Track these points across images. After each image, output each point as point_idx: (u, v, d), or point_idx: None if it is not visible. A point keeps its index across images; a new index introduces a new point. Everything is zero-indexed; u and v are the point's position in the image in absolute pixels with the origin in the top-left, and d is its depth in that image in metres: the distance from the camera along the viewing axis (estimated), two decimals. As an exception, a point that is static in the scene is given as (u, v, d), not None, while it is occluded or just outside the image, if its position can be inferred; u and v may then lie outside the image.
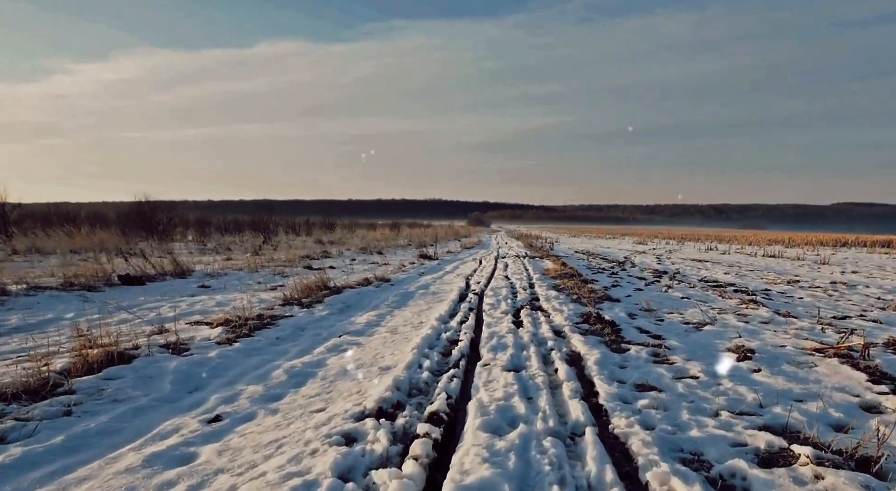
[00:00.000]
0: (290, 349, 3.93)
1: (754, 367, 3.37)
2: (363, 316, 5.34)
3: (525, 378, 3.00)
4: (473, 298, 6.22)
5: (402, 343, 4.06)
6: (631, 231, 55.00)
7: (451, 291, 6.87)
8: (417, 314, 5.44)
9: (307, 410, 2.62)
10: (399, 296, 6.67)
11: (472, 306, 5.69)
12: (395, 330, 4.65)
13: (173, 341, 3.77)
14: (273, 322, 4.81)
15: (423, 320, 5.01)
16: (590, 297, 6.30)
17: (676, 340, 4.15)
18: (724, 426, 2.32)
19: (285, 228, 27.07)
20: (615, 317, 5.07)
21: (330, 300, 6.08)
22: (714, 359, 3.59)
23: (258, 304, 5.77)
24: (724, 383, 3.01)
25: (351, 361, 3.55)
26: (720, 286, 8.23)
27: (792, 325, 4.98)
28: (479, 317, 5.16)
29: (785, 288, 8.13)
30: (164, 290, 6.70)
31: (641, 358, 3.53)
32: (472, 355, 3.69)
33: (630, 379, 3.05)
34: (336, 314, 5.48)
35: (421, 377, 3.06)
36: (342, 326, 4.83)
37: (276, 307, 5.59)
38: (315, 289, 6.47)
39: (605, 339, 4.07)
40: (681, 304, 6.27)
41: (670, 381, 3.02)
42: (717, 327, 4.74)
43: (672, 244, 25.14)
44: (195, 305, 5.64)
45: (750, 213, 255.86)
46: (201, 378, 3.15)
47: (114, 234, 19.06)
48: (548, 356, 3.57)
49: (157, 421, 2.47)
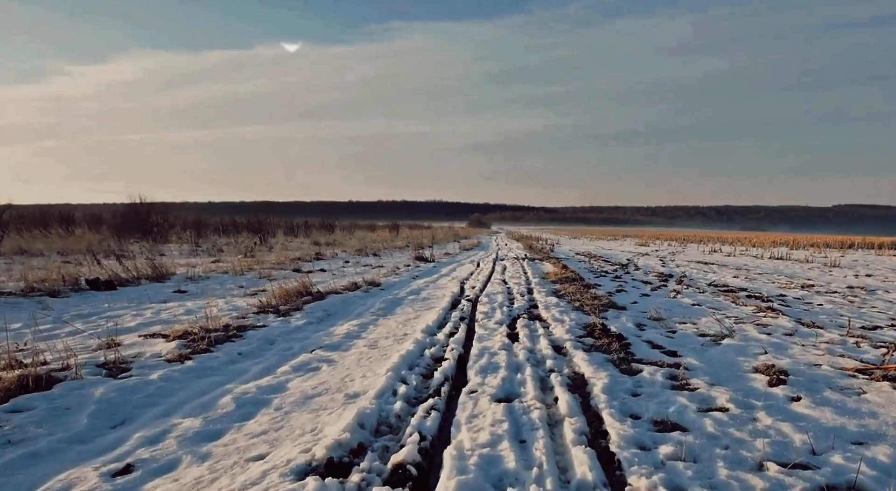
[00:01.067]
0: (250, 368, 3.38)
1: (792, 393, 2.81)
2: (343, 326, 4.78)
3: (518, 412, 2.44)
4: (466, 306, 5.66)
5: (379, 361, 3.51)
6: (632, 233, 54.38)
7: (444, 297, 6.31)
8: (403, 324, 4.88)
9: (243, 457, 2.06)
10: (387, 302, 6.12)
11: (464, 315, 5.13)
12: (374, 343, 4.10)
13: (113, 360, 3.23)
14: (240, 334, 4.26)
15: (408, 332, 4.45)
16: (593, 304, 5.74)
17: (694, 358, 3.58)
18: (776, 489, 1.76)
19: (284, 230, 26.57)
20: (622, 328, 4.51)
21: (311, 307, 5.52)
22: (742, 382, 3.03)
23: (231, 311, 5.22)
24: (761, 418, 2.44)
25: (316, 385, 3.00)
26: (731, 291, 7.65)
27: (820, 337, 4.41)
28: (470, 328, 4.61)
29: (801, 293, 7.55)
30: (136, 295, 6.16)
31: (657, 382, 2.96)
32: (458, 378, 3.13)
33: (646, 412, 2.48)
34: (314, 324, 4.93)
35: (393, 409, 2.50)
36: (317, 339, 4.27)
37: (250, 316, 5.04)
38: (296, 295, 5.92)
39: (612, 357, 3.50)
40: (692, 312, 5.70)
41: (696, 415, 2.45)
42: (737, 341, 4.17)
43: (674, 246, 24.53)
44: (161, 313, 5.10)
45: (751, 214, 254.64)
46: (131, 408, 2.60)
47: (105, 236, 18.56)
48: (546, 380, 3.01)
49: (48, 474, 1.91)
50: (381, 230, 30.42)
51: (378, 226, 35.69)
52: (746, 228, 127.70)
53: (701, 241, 29.24)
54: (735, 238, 33.39)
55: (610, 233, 50.40)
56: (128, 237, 18.54)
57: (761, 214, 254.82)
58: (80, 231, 17.04)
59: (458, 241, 25.47)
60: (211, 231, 22.65)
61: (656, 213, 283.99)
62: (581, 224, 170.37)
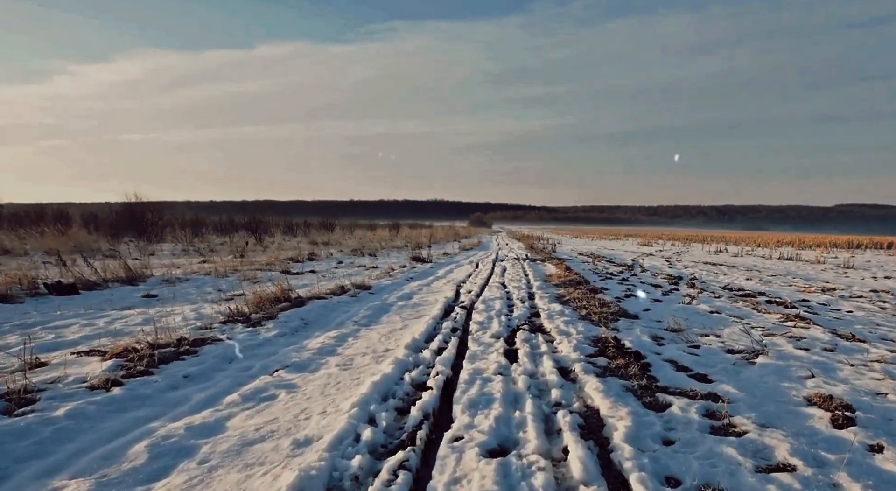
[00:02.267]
0: (191, 396, 2.74)
1: (868, 439, 2.15)
2: (319, 338, 4.14)
3: (515, 474, 1.79)
4: (460, 314, 5.01)
5: (348, 388, 2.86)
6: (634, 232, 53.65)
7: (436, 303, 5.67)
8: (387, 336, 4.24)
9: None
10: (373, 309, 5.47)
11: (456, 326, 4.48)
12: (349, 362, 3.45)
13: (18, 389, 2.59)
14: (194, 350, 3.62)
15: (391, 347, 3.81)
16: (601, 312, 5.08)
17: (730, 383, 2.92)
18: None
19: (283, 229, 25.95)
20: (638, 343, 3.85)
21: (287, 315, 4.88)
22: (798, 421, 2.37)
23: (195, 320, 4.59)
24: (843, 483, 1.79)
25: (262, 425, 2.35)
26: (749, 296, 6.98)
27: (866, 353, 3.75)
28: (462, 342, 3.96)
29: (824, 298, 6.87)
30: (98, 301, 5.54)
31: (692, 422, 2.30)
32: (441, 412, 2.48)
33: (687, 474, 1.83)
34: (287, 336, 4.29)
35: (350, 466, 1.86)
36: (285, 355, 3.63)
37: (215, 326, 4.41)
38: (272, 301, 5.28)
39: (632, 383, 2.84)
40: (712, 321, 5.04)
41: (755, 479, 1.80)
42: (772, 359, 3.51)
43: (678, 246, 23.82)
44: (115, 322, 4.47)
45: (752, 214, 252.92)
46: (8, 463, 1.97)
47: (96, 235, 17.99)
48: (552, 419, 2.35)
49: None
50: (382, 230, 29.78)
51: (379, 225, 35.07)
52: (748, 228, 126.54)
53: (704, 241, 28.51)
54: (738, 238, 32.65)
55: (611, 232, 49.67)
56: (122, 236, 17.98)
57: (762, 214, 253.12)
58: (73, 230, 16.48)
59: (458, 240, 24.82)
60: (209, 230, 22.09)
61: (657, 213, 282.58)
62: (582, 223, 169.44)
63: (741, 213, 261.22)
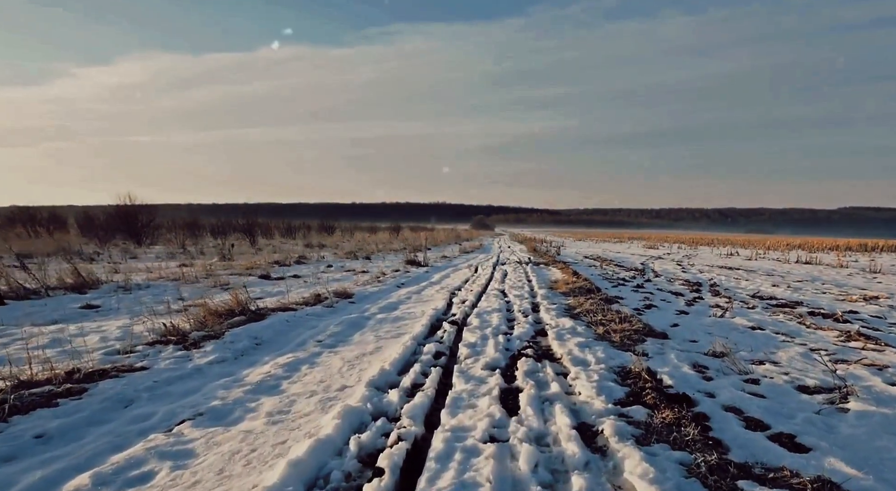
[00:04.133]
0: (17, 481, 1.76)
1: None
2: (265, 366, 3.16)
3: None
4: (449, 332, 4.00)
5: (260, 465, 1.86)
6: (637, 235, 52.48)
7: (423, 317, 4.67)
8: (351, 365, 3.24)
9: None
10: (346, 324, 4.48)
11: (442, 348, 3.47)
12: (286, 409, 2.46)
13: None
14: (85, 387, 2.64)
15: (349, 383, 2.81)
16: (622, 330, 4.06)
17: (833, 452, 1.91)
18: None
19: (281, 231, 25.05)
20: (679, 377, 2.84)
21: (236, 333, 3.90)
22: None
23: (116, 341, 3.61)
24: None
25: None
26: (785, 306, 5.94)
27: None
28: (447, 370, 2.95)
29: (873, 309, 5.81)
30: (19, 314, 4.57)
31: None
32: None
33: None
34: (225, 362, 3.30)
35: None
36: (207, 394, 2.65)
37: (139, 348, 3.43)
38: (223, 315, 4.30)
39: (693, 458, 1.82)
40: (758, 340, 4.02)
41: None
42: (868, 403, 2.49)
43: (685, 249, 22.69)
44: (12, 344, 3.50)
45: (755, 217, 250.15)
46: None
47: (82, 237, 17.14)
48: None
49: None
50: (383, 232, 28.83)
51: (380, 228, 34.13)
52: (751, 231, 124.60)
53: (710, 244, 27.36)
54: (745, 241, 31.47)
55: (615, 235, 48.53)
56: (112, 239, 17.14)
57: (765, 217, 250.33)
58: (58, 233, 15.62)
59: (459, 243, 23.82)
60: (206, 233, 21.25)
61: (660, 216, 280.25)
62: (585, 226, 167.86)
63: (744, 216, 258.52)
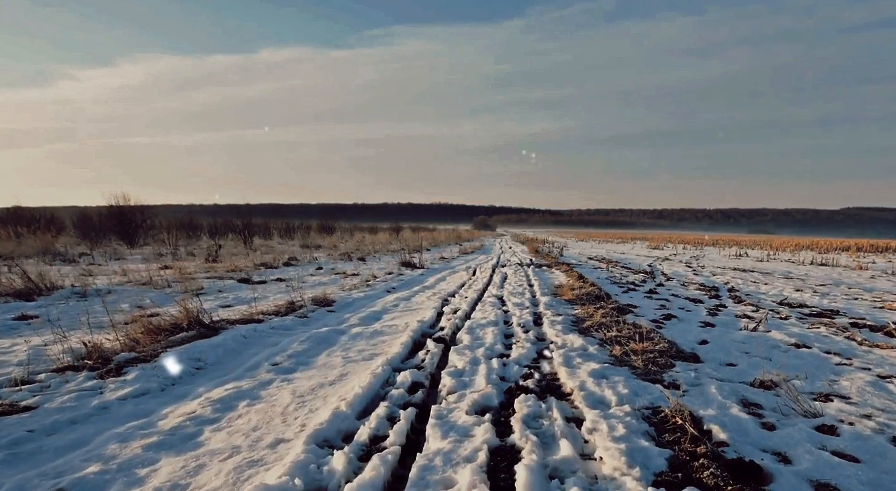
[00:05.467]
0: None
1: None
2: (194, 402, 2.43)
3: None
4: (433, 353, 3.26)
5: None
6: (641, 235, 51.55)
7: (406, 330, 3.93)
8: (302, 401, 2.50)
9: None
10: (314, 340, 3.74)
11: (419, 378, 2.73)
12: (186, 480, 1.73)
13: None
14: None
15: (289, 436, 2.07)
16: (643, 350, 3.30)
17: None
18: None
19: (280, 232, 24.41)
20: (731, 426, 2.09)
21: (177, 352, 3.17)
22: None
23: (16, 367, 2.89)
24: None
25: None
26: (822, 315, 5.17)
27: None
28: (420, 416, 2.22)
29: (924, 320, 5.03)
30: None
31: None
32: None
33: None
34: (146, 396, 2.57)
35: None
36: (91, 452, 1.92)
37: (40, 377, 2.71)
38: (166, 330, 3.57)
39: None
40: (807, 362, 3.26)
41: None
42: None
43: (690, 249, 21.85)
44: None
45: (758, 217, 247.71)
46: None
47: (72, 238, 16.52)
48: None
49: None
50: (383, 233, 28.11)
51: (381, 228, 33.42)
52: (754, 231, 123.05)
53: (716, 245, 26.48)
54: (751, 241, 30.57)
55: (618, 235, 47.64)
56: (104, 240, 16.51)
57: (768, 217, 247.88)
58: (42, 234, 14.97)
59: (459, 243, 23.07)
60: (205, 233, 20.63)
61: (663, 216, 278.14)
62: (587, 227, 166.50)
63: (746, 217, 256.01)
